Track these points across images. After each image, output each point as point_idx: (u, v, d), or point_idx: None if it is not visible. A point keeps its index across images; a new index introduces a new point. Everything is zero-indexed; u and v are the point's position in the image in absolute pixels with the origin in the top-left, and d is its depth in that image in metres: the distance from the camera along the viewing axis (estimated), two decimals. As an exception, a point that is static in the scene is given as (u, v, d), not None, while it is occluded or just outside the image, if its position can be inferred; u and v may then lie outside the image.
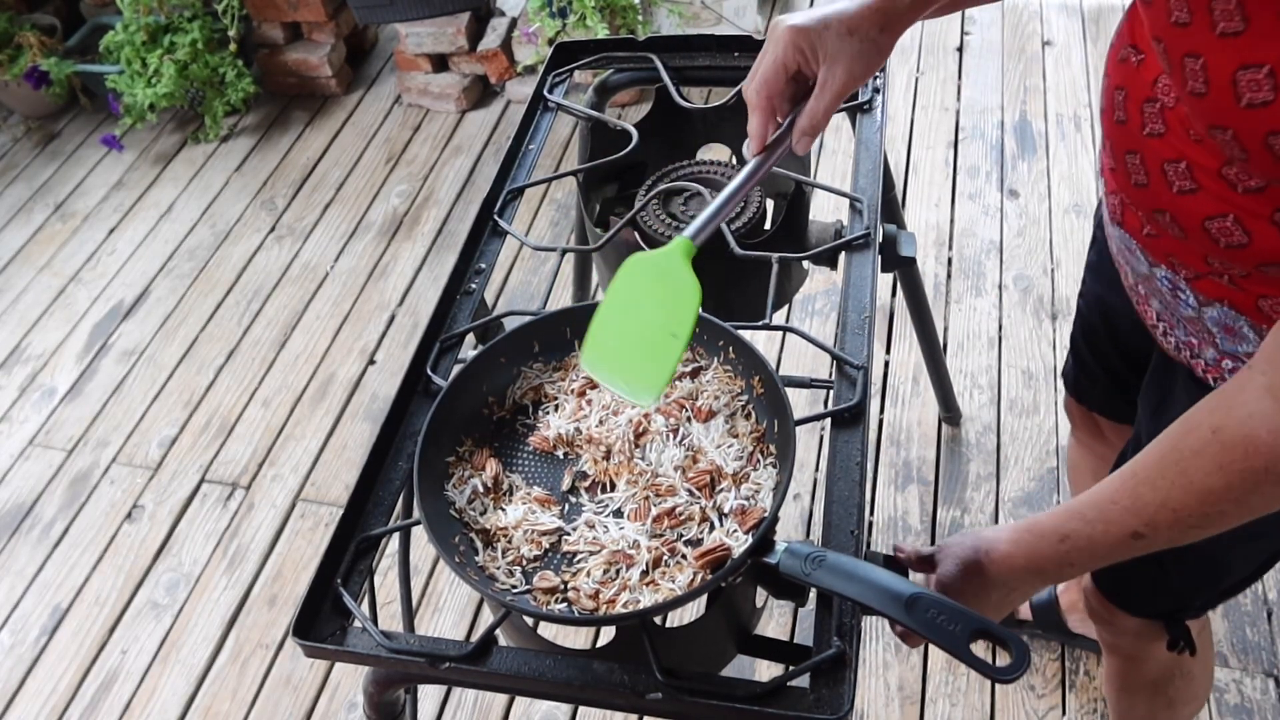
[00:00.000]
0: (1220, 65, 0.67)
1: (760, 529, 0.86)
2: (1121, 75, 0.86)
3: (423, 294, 2.55)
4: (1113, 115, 0.87)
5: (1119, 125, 0.86)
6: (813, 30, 0.87)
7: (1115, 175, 0.90)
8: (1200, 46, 0.68)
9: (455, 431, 1.00)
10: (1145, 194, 0.85)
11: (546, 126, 1.42)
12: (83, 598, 2.03)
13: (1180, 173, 0.79)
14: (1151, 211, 0.85)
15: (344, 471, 2.19)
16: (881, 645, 1.80)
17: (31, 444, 2.34)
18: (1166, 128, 0.80)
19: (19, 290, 2.73)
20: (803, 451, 2.07)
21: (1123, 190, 0.90)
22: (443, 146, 2.97)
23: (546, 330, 1.05)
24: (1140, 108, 0.82)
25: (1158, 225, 0.86)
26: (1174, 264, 0.88)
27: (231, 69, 3.01)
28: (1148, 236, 0.90)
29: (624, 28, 2.71)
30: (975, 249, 2.44)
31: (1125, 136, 0.85)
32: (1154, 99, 0.81)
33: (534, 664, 0.86)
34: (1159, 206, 0.84)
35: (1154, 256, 0.91)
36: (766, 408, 0.98)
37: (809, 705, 0.81)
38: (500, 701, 1.79)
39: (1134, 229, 0.92)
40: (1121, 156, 0.87)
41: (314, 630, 0.91)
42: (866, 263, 1.16)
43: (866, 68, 0.89)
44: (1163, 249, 0.88)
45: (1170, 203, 0.82)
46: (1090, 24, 3.02)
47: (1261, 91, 0.65)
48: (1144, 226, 0.89)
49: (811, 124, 0.90)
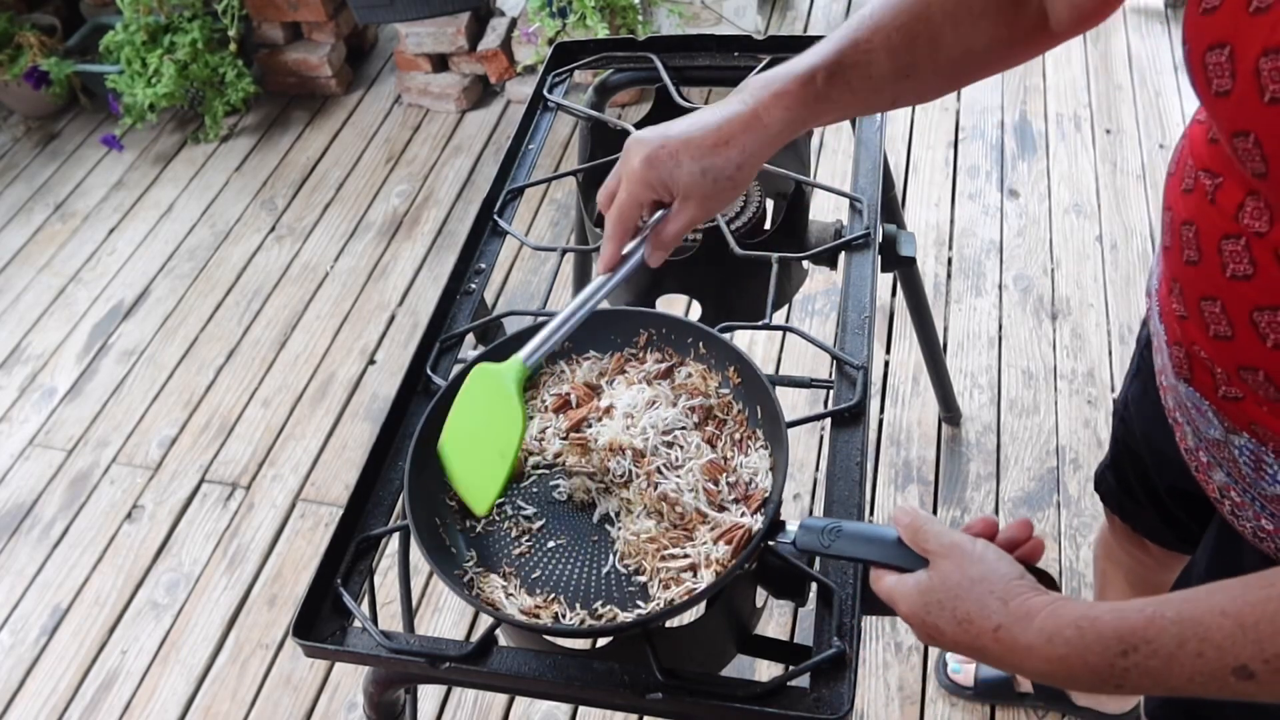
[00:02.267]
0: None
1: (768, 508, 0.86)
2: (1188, 208, 0.73)
3: (423, 294, 2.55)
4: (1181, 255, 0.74)
5: (1191, 266, 0.73)
6: (665, 165, 0.83)
7: (1185, 325, 0.76)
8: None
9: None
10: (1229, 348, 0.72)
11: (546, 126, 1.42)
12: (83, 598, 2.03)
13: (1279, 323, 0.66)
14: (1237, 369, 0.72)
15: (344, 471, 2.19)
16: (881, 645, 1.80)
17: (31, 444, 2.34)
18: (1256, 268, 0.66)
19: (19, 290, 2.73)
20: (803, 451, 2.07)
21: (1197, 342, 0.76)
22: (443, 146, 2.97)
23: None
24: (1218, 245, 0.69)
25: (1245, 386, 0.72)
26: (1260, 433, 0.74)
27: (231, 69, 3.01)
28: (1226, 399, 0.76)
29: (624, 28, 2.71)
30: (975, 249, 2.44)
31: (1200, 280, 0.72)
32: (1237, 234, 0.67)
33: (534, 664, 0.86)
34: (1249, 363, 0.70)
35: (1233, 422, 0.76)
36: (746, 395, 0.98)
37: (809, 705, 0.80)
38: (500, 701, 1.79)
39: (1206, 388, 0.78)
40: (1195, 304, 0.73)
41: (314, 630, 0.91)
42: (866, 263, 1.16)
43: (720, 202, 0.86)
44: (1246, 414, 0.74)
45: (1265, 359, 0.68)
46: (1090, 24, 3.01)
47: None
48: (1220, 387, 0.75)
49: (663, 245, 0.88)
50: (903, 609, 0.71)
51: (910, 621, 0.71)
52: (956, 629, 0.67)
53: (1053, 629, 0.63)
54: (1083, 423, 2.07)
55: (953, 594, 0.68)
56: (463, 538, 0.93)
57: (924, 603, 0.69)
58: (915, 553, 0.73)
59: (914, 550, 0.73)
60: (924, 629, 0.70)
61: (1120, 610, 0.62)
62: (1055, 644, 0.63)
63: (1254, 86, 0.58)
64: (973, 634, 0.67)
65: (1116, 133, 2.68)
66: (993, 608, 0.66)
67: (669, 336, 1.04)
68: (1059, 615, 0.63)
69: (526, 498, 0.96)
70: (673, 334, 1.04)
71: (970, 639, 0.67)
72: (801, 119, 0.85)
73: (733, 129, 0.83)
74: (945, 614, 0.68)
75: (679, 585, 0.86)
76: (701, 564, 0.86)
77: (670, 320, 1.03)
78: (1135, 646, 0.60)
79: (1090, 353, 2.19)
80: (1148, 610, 0.61)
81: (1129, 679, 0.61)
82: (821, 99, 0.84)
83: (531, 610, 0.87)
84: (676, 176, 0.84)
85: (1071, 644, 0.62)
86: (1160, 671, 0.60)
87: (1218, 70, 0.61)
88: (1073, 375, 2.15)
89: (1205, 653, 0.58)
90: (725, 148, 0.83)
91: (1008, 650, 0.65)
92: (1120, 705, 1.62)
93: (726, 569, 0.85)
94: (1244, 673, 0.57)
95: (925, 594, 0.70)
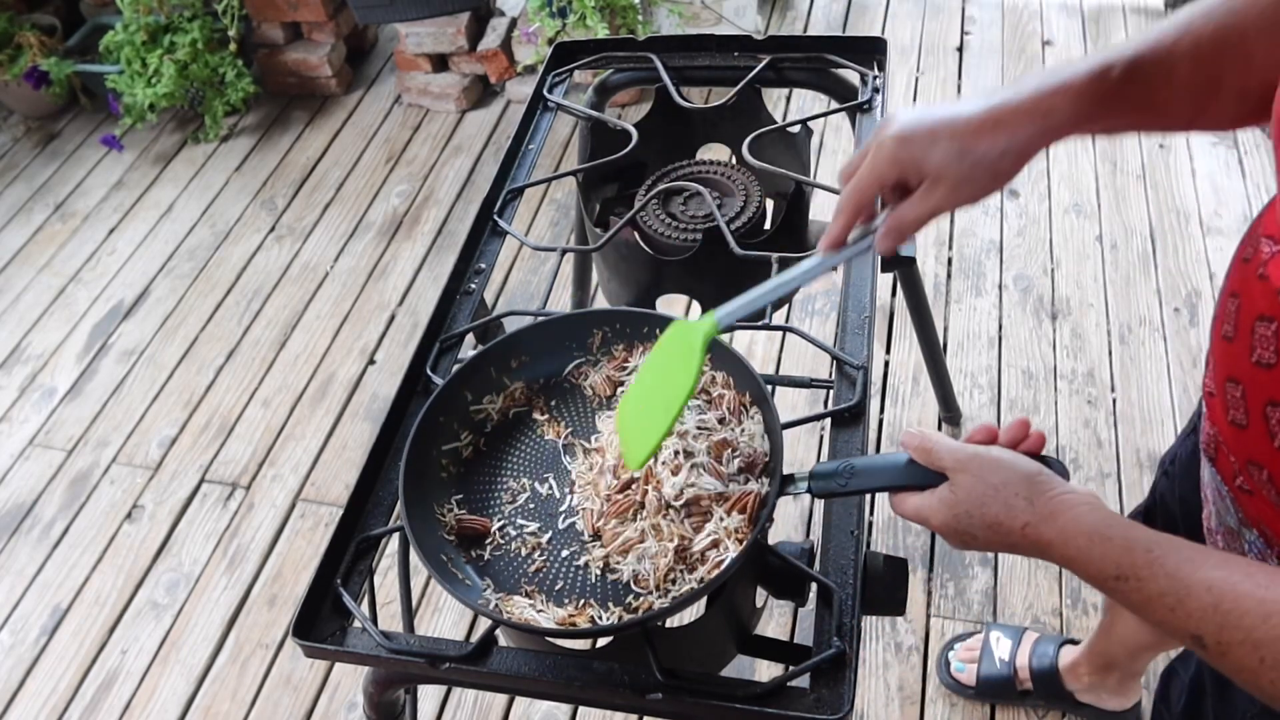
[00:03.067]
0: None
1: (773, 469, 0.87)
2: (1238, 279, 0.69)
3: (423, 294, 2.55)
4: (1221, 328, 0.71)
5: (1225, 342, 0.70)
6: (920, 143, 0.75)
7: (1213, 404, 0.75)
8: None
9: (448, 430, 1.00)
10: (1242, 438, 0.70)
11: (546, 126, 1.42)
12: (83, 598, 2.03)
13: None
14: (1246, 462, 0.71)
15: (344, 471, 2.19)
16: (881, 645, 1.80)
17: (31, 444, 2.34)
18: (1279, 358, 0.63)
19: (19, 290, 2.73)
20: (802, 451, 2.07)
21: (1218, 424, 0.74)
22: (443, 146, 2.97)
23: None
24: (1253, 326, 0.66)
25: (1253, 480, 0.71)
26: (1267, 534, 0.73)
27: (231, 69, 3.01)
28: (1240, 490, 0.74)
29: (624, 28, 2.71)
30: (975, 249, 2.44)
31: (1229, 359, 0.70)
32: (1271, 316, 0.64)
33: (534, 664, 0.86)
34: (1256, 458, 0.69)
35: (1246, 514, 0.75)
36: (724, 364, 0.99)
37: (809, 705, 0.81)
38: (500, 701, 1.79)
39: (1226, 474, 0.76)
40: (1222, 384, 0.71)
41: (314, 630, 0.91)
42: (866, 263, 1.16)
43: (974, 193, 0.76)
44: (1254, 509, 0.73)
45: (1271, 457, 0.67)
46: (1090, 24, 3.02)
47: None
48: (1237, 476, 0.74)
49: (898, 231, 0.79)
50: (935, 523, 0.75)
51: (943, 533, 0.75)
52: (988, 532, 0.72)
53: (1071, 533, 0.68)
54: (1083, 423, 2.07)
55: (978, 503, 0.72)
56: (472, 568, 0.92)
57: (953, 515, 0.74)
58: (931, 470, 0.76)
59: (929, 469, 0.77)
60: (957, 537, 0.75)
61: (1129, 540, 0.66)
62: (1069, 546, 0.68)
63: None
64: (1003, 534, 0.72)
65: (1116, 133, 2.68)
66: (1019, 507, 0.71)
67: (623, 331, 1.05)
68: (1079, 522, 0.68)
69: (525, 515, 0.96)
70: (627, 327, 1.04)
71: (1001, 538, 0.72)
72: (1087, 115, 0.75)
73: (1004, 114, 0.75)
74: (975, 521, 0.73)
75: (705, 564, 0.86)
76: (723, 537, 0.87)
77: (620, 314, 1.04)
78: (1126, 577, 0.66)
79: (1090, 353, 2.19)
80: (1154, 552, 0.65)
81: (1115, 594, 0.67)
82: (1113, 97, 0.75)
83: (568, 620, 0.86)
84: (930, 156, 0.75)
85: (1081, 551, 0.68)
86: (1139, 604, 0.66)
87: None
88: (1073, 375, 2.15)
89: (1177, 610, 0.63)
90: (993, 132, 0.74)
91: (1033, 544, 0.70)
92: (1121, 703, 1.62)
93: (749, 535, 0.86)
94: (1199, 642, 0.63)
95: (952, 507, 0.74)
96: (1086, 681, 1.60)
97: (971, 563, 1.88)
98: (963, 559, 1.89)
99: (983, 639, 1.72)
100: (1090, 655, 1.58)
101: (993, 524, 0.71)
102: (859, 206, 0.80)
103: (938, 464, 0.76)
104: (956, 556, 1.89)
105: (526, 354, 1.05)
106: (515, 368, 1.05)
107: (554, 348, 1.06)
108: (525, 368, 1.05)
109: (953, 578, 1.87)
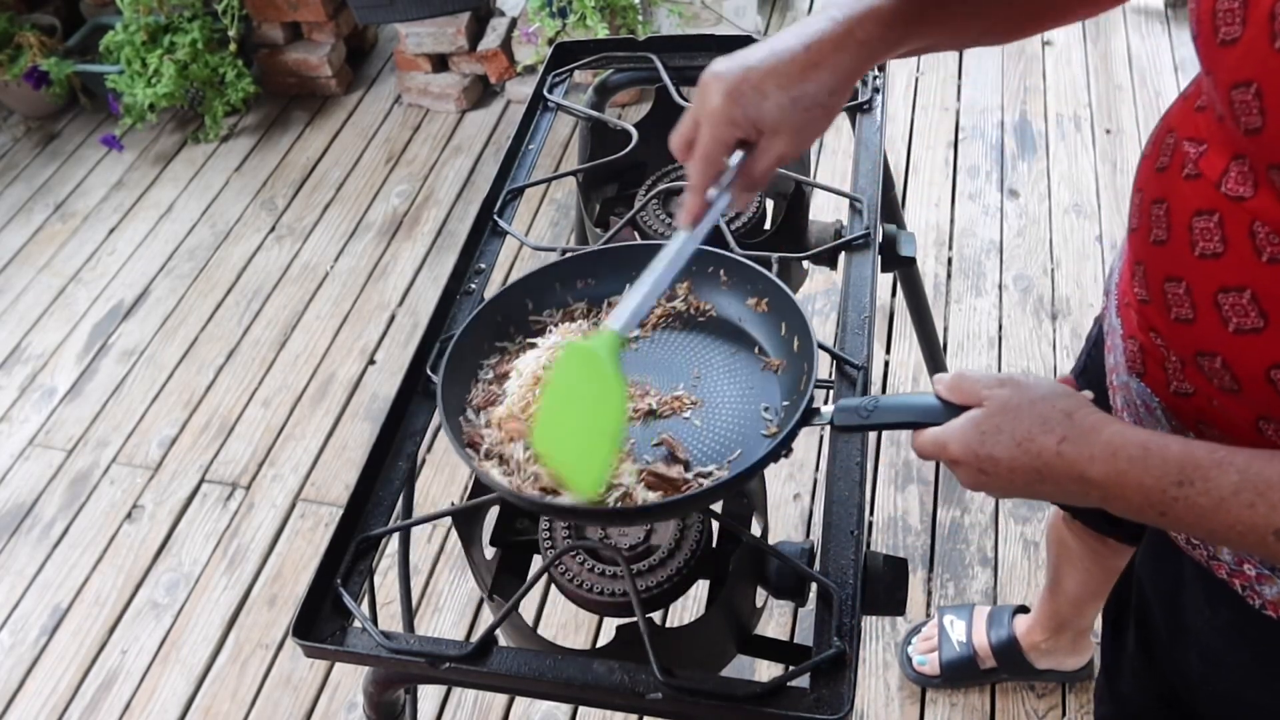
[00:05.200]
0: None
1: (804, 390, 0.88)
2: (1160, 186, 0.72)
3: (423, 294, 2.55)
4: (1149, 235, 0.73)
5: (1157, 246, 0.72)
6: (749, 98, 0.75)
7: (1146, 310, 0.75)
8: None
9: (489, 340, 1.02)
10: (1189, 332, 0.70)
11: (546, 126, 1.42)
12: (83, 598, 2.03)
13: (1243, 305, 0.64)
14: (1195, 355, 0.70)
15: (344, 471, 2.19)
16: (881, 645, 1.80)
17: (31, 444, 2.34)
18: (1227, 246, 0.65)
19: (19, 290, 2.73)
20: (803, 451, 2.07)
21: (1155, 327, 0.75)
22: (443, 146, 2.97)
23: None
24: (1189, 223, 0.67)
25: (1199, 375, 0.71)
26: (1207, 433, 0.74)
27: (231, 69, 3.01)
28: (1177, 395, 0.75)
29: (624, 28, 2.71)
30: (975, 249, 2.44)
31: (1166, 259, 0.71)
32: (1210, 210, 0.66)
33: (534, 664, 0.86)
34: (1208, 348, 0.68)
35: (1181, 420, 0.76)
36: (772, 318, 0.99)
37: (809, 705, 0.80)
38: (500, 701, 1.79)
39: (1158, 384, 0.77)
40: (1159, 285, 0.72)
41: (314, 630, 0.91)
42: (866, 263, 1.16)
43: (813, 133, 0.79)
44: (1194, 412, 0.74)
45: (1225, 343, 0.67)
46: (1090, 24, 3.02)
47: None
48: (1172, 382, 0.75)
49: (753, 185, 0.81)
50: (954, 448, 0.70)
51: (962, 461, 0.70)
52: (1015, 450, 0.67)
53: (1119, 444, 0.64)
54: (1083, 423, 2.06)
55: (1012, 416, 0.68)
56: None
57: (979, 432, 0.69)
58: (958, 406, 0.72)
59: (956, 405, 0.72)
60: (976, 464, 0.69)
61: (1189, 445, 0.63)
62: (1119, 459, 0.64)
63: (1266, 32, 0.57)
64: (1033, 451, 0.66)
65: (1116, 133, 2.68)
66: (1057, 420, 0.66)
67: (688, 269, 1.02)
68: (1127, 433, 0.65)
69: None
70: (692, 265, 1.02)
71: (1029, 458, 0.67)
72: (899, 36, 0.77)
73: (822, 49, 0.75)
74: (1003, 437, 0.67)
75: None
76: None
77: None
78: (1192, 480, 0.61)
79: (1090, 353, 2.19)
80: (1218, 454, 0.62)
81: (1174, 510, 0.62)
82: (917, 18, 0.77)
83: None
84: (763, 109, 0.75)
85: (1134, 461, 0.63)
86: (1207, 510, 0.61)
87: (1228, 17, 0.60)
88: (1073, 375, 2.16)
89: (1257, 505, 0.59)
90: (816, 70, 0.75)
91: (1069, 464, 0.65)
92: (1078, 661, 1.67)
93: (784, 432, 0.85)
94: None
95: (980, 423, 0.69)
96: (1044, 647, 1.64)
97: (971, 563, 1.88)
98: (963, 559, 1.89)
99: (937, 625, 1.73)
100: (1042, 619, 1.62)
101: (1024, 439, 0.66)
102: (708, 175, 0.79)
103: (972, 391, 0.71)
104: (956, 556, 1.89)
105: (593, 276, 1.06)
106: (580, 287, 1.06)
107: (620, 274, 1.05)
108: (590, 289, 1.06)
109: (953, 578, 1.87)
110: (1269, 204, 0.61)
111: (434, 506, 2.07)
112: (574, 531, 1.01)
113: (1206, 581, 0.84)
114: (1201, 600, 0.86)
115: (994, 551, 1.90)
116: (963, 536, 1.92)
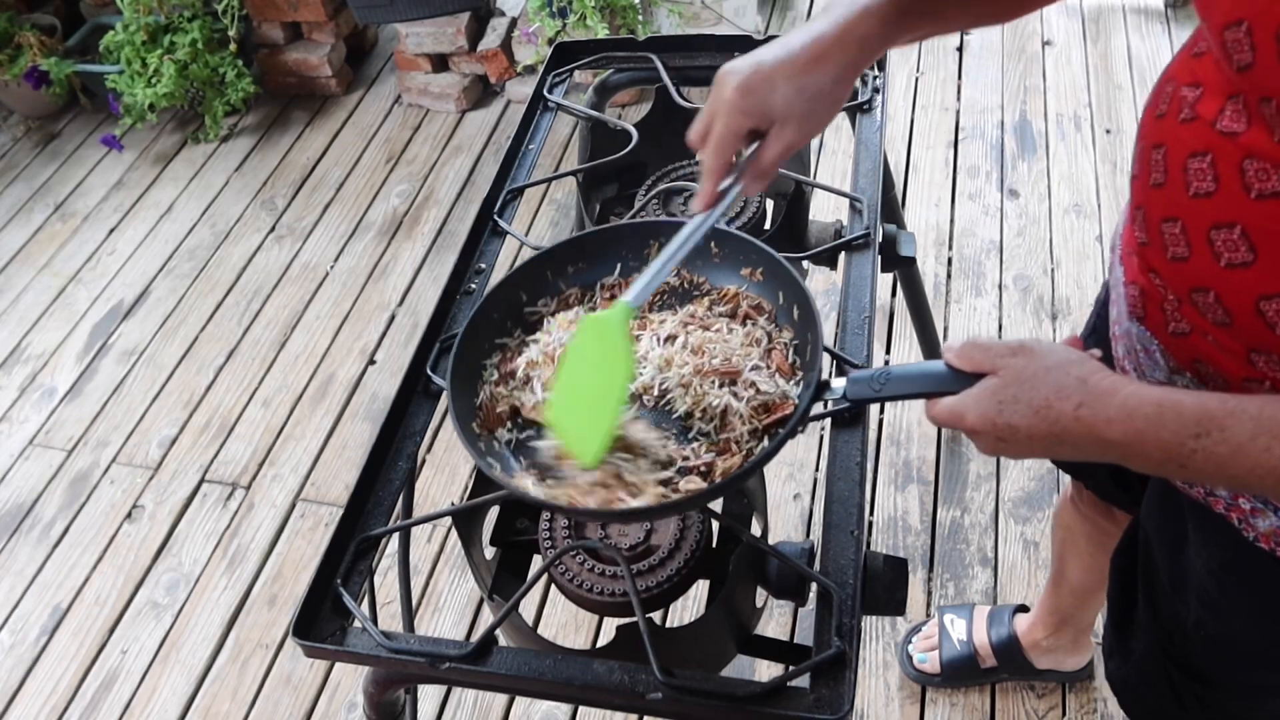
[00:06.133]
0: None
1: (810, 375, 0.88)
2: (1159, 131, 0.75)
3: (423, 294, 2.55)
4: (1149, 179, 0.76)
5: (1156, 189, 0.75)
6: (760, 90, 0.82)
7: (1146, 252, 0.79)
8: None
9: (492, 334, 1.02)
10: (1184, 269, 0.73)
11: (546, 126, 1.42)
12: (83, 598, 2.03)
13: (1233, 240, 0.67)
14: (1190, 291, 0.73)
15: (344, 471, 2.19)
16: (881, 645, 1.80)
17: (31, 444, 2.34)
18: (1218, 184, 0.68)
19: (19, 290, 2.73)
20: (802, 451, 2.07)
21: (1154, 267, 0.78)
22: (443, 146, 2.97)
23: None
24: (1184, 164, 0.71)
25: (1194, 312, 0.74)
26: (1202, 371, 0.77)
27: (231, 69, 3.01)
28: (1174, 335, 0.78)
29: (624, 28, 2.71)
30: (975, 249, 2.44)
31: (1163, 202, 0.74)
32: (1204, 151, 0.69)
33: (534, 664, 0.86)
34: (1201, 283, 0.72)
35: (1178, 359, 0.79)
36: (769, 286, 1.00)
37: (809, 705, 0.80)
38: (500, 701, 1.79)
39: (1157, 325, 0.80)
40: (1157, 226, 0.75)
41: (314, 630, 0.91)
42: (866, 263, 1.16)
43: (819, 122, 0.85)
44: (1190, 350, 0.77)
45: (1217, 278, 0.70)
46: (1090, 24, 3.02)
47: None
48: (1170, 322, 0.78)
49: (763, 173, 0.86)
50: (971, 417, 0.72)
51: (979, 428, 0.72)
52: (1033, 418, 0.69)
53: (1135, 405, 0.66)
54: (1083, 423, 2.06)
55: (1028, 384, 0.70)
56: (507, 450, 0.95)
57: (996, 401, 0.70)
58: (970, 375, 0.73)
59: (968, 373, 0.73)
60: (994, 431, 0.71)
61: (1202, 397, 0.65)
62: (1135, 419, 0.66)
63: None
64: (1051, 418, 0.68)
65: (1116, 133, 2.68)
66: (1072, 386, 0.68)
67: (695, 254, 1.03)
68: (1141, 394, 0.67)
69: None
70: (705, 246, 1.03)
71: (1048, 425, 0.68)
72: (897, 30, 0.84)
73: (824, 45, 0.82)
74: (1021, 406, 0.69)
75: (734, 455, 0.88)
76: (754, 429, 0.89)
77: (678, 226, 1.00)
78: (1209, 431, 0.63)
79: (1090, 353, 2.19)
80: (1229, 404, 0.64)
81: (1194, 461, 0.64)
82: (911, 11, 0.84)
83: (611, 500, 0.87)
84: (773, 100, 0.82)
85: (1150, 420, 0.65)
86: (1226, 458, 0.63)
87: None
88: (1073, 375, 2.16)
89: (1273, 448, 0.62)
90: (820, 64, 0.82)
91: (1087, 428, 0.67)
92: (1078, 661, 1.67)
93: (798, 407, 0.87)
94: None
95: (997, 391, 0.71)
96: (1044, 645, 1.64)
97: (971, 563, 1.88)
98: (963, 559, 1.89)
99: (937, 624, 1.73)
100: (1044, 615, 1.62)
101: (1041, 407, 0.68)
102: (723, 165, 0.86)
103: (984, 358, 0.73)
104: (956, 556, 1.89)
105: (584, 260, 1.06)
106: (571, 273, 1.06)
107: (610, 256, 1.06)
108: (582, 274, 1.06)
109: (953, 578, 1.87)
110: (1261, 138, 0.64)
111: (434, 506, 2.07)
112: (574, 531, 1.01)
113: (1203, 520, 0.86)
114: (1200, 544, 0.88)
115: (994, 551, 1.90)
116: (963, 536, 1.92)
